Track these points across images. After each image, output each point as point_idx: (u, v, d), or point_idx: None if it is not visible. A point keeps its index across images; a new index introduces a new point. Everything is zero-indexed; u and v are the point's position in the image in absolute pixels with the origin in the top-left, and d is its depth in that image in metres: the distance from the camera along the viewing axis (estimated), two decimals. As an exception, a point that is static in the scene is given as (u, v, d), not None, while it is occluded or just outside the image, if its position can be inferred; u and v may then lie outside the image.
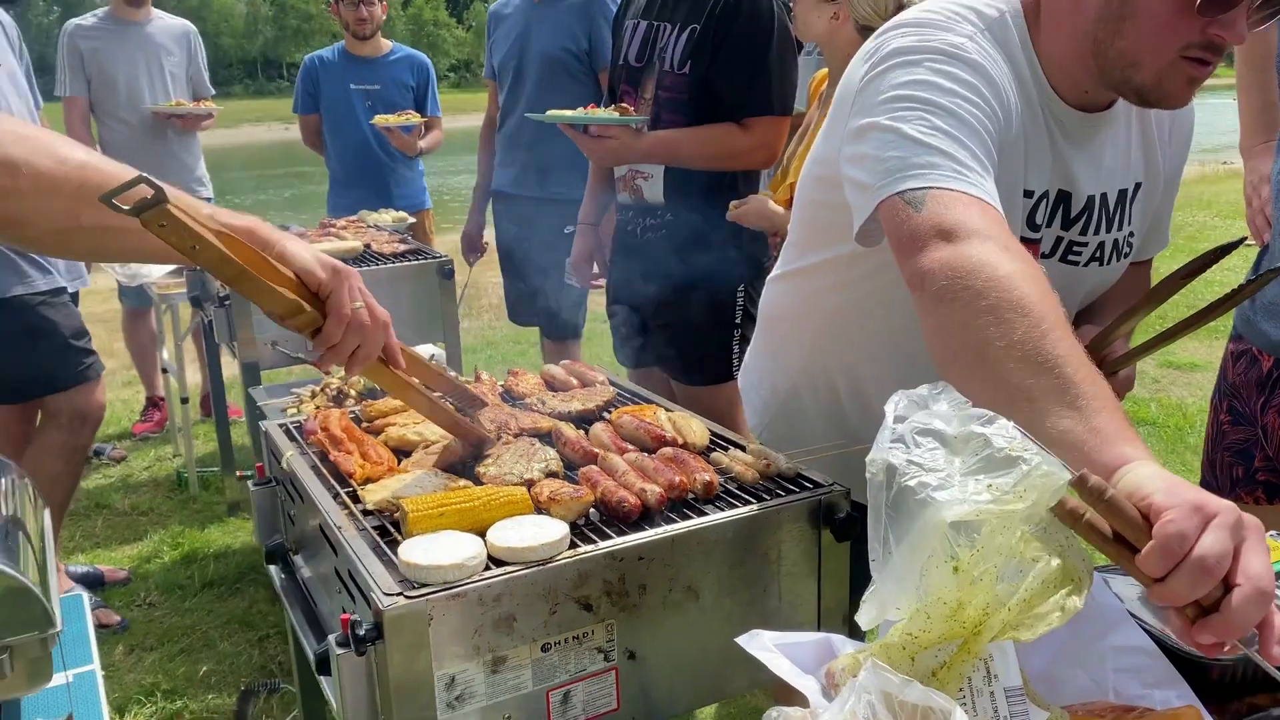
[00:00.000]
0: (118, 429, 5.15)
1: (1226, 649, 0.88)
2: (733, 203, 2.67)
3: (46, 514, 2.44)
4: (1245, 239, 1.58)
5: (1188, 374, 5.77)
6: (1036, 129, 1.39)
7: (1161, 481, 0.89)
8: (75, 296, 3.24)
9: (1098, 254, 1.52)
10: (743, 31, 2.63)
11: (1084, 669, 1.04)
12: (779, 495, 1.46)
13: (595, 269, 3.37)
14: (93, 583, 3.50)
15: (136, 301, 4.75)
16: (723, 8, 2.63)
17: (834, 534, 1.46)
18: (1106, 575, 1.17)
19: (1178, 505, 0.86)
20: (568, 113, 3.03)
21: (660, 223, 2.85)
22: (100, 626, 3.20)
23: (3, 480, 2.26)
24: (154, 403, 5.12)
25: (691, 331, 2.85)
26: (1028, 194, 1.41)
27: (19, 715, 2.13)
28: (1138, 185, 1.53)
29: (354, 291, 1.30)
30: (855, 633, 1.42)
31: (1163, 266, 1.57)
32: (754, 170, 2.87)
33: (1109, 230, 1.50)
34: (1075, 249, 1.49)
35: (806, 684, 0.97)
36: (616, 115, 2.72)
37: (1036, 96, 1.38)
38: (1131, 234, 1.56)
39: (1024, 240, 1.40)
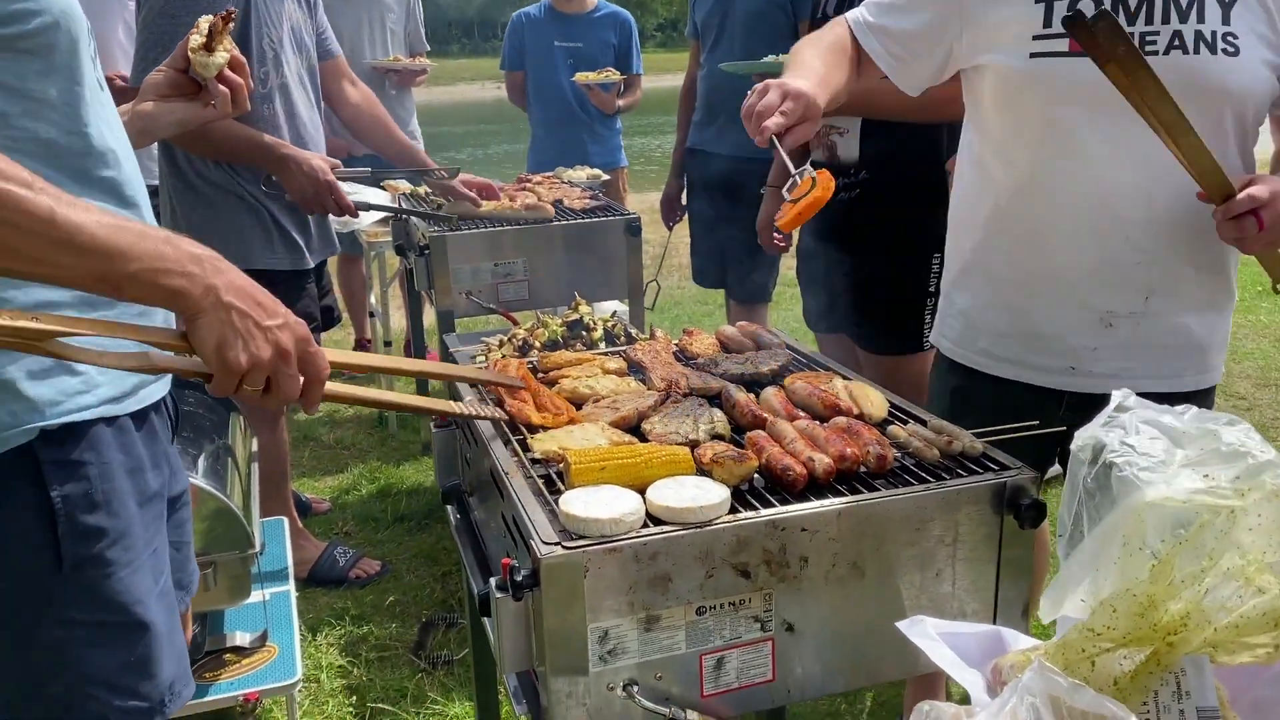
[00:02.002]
0: (329, 368, 5.48)
1: None
2: None
3: (254, 443, 2.62)
4: None
5: None
6: None
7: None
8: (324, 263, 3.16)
9: (1175, 42, 1.67)
10: None
11: (1298, 695, 0.92)
12: (959, 475, 1.38)
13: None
14: (301, 510, 3.75)
15: (349, 248, 5.02)
16: None
17: (1018, 520, 1.36)
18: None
19: None
20: (765, 60, 2.93)
21: (855, 182, 2.74)
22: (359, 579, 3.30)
23: (215, 413, 2.44)
24: (362, 345, 5.42)
25: (883, 298, 2.73)
26: None
27: (222, 627, 2.32)
28: None
29: (253, 379, 1.19)
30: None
31: None
32: (958, 125, 2.71)
33: (1182, 21, 1.67)
34: (1149, 39, 1.68)
35: (969, 678, 0.91)
36: None
37: None
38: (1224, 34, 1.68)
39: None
